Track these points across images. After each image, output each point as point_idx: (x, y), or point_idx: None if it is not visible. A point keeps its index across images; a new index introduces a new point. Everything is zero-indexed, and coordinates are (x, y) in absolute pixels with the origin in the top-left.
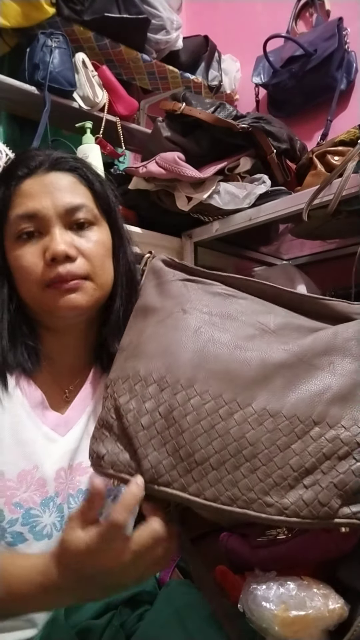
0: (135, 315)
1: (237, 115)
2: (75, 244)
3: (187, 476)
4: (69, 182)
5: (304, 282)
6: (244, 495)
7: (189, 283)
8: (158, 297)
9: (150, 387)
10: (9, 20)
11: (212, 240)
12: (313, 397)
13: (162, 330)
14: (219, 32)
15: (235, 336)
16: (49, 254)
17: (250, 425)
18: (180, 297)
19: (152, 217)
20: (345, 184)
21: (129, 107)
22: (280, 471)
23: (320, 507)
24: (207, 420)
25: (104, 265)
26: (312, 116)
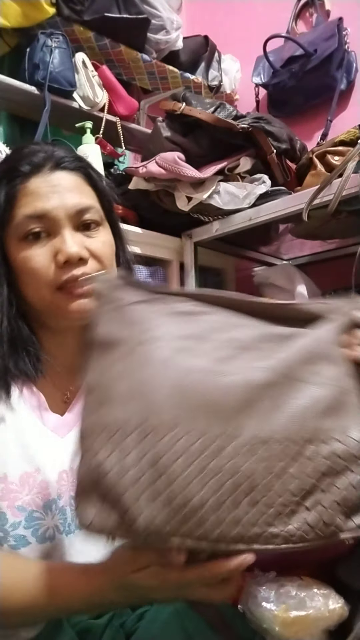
0: (95, 349)
1: (237, 115)
2: (86, 245)
3: (187, 525)
4: (76, 182)
5: (304, 282)
6: (249, 532)
7: (150, 306)
8: (117, 326)
9: (130, 436)
10: (9, 20)
11: (212, 240)
12: (303, 414)
13: (131, 367)
14: (219, 32)
15: (212, 360)
16: (63, 257)
17: (243, 457)
18: (142, 323)
19: (152, 217)
20: (345, 184)
21: (129, 107)
22: (281, 499)
23: (326, 527)
24: (198, 461)
25: (112, 265)
26: (312, 116)
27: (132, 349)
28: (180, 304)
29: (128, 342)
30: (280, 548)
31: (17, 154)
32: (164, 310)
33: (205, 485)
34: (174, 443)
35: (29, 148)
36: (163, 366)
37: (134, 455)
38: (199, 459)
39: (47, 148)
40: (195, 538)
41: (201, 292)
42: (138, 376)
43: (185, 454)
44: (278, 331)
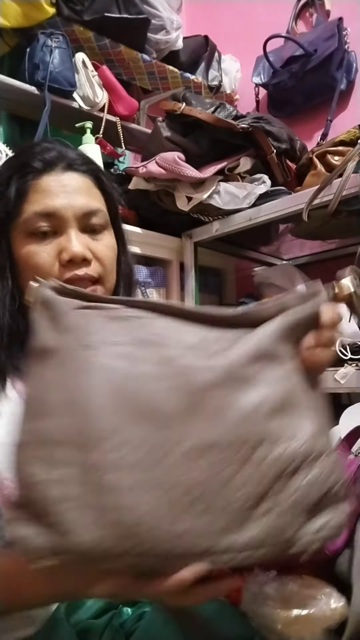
0: (32, 359)
1: (237, 115)
2: (90, 247)
3: (130, 541)
4: (86, 184)
5: (304, 282)
6: (199, 545)
7: (88, 311)
8: (53, 334)
9: (62, 449)
10: (9, 20)
11: (212, 240)
12: (250, 416)
13: (66, 376)
14: (219, 32)
15: (154, 363)
16: (68, 255)
17: (189, 465)
18: (79, 329)
19: (152, 217)
20: (345, 184)
21: (129, 107)
22: (232, 507)
23: (282, 532)
24: (140, 472)
25: (113, 269)
26: (312, 116)
27: (68, 356)
28: (117, 310)
29: (64, 350)
30: (234, 561)
31: (30, 150)
32: (102, 315)
33: (148, 497)
34: (113, 454)
35: (41, 145)
36: (100, 373)
37: (70, 468)
38: (140, 469)
39: (60, 147)
40: (139, 555)
41: (140, 300)
42: (74, 385)
43: (125, 465)
44: (222, 334)
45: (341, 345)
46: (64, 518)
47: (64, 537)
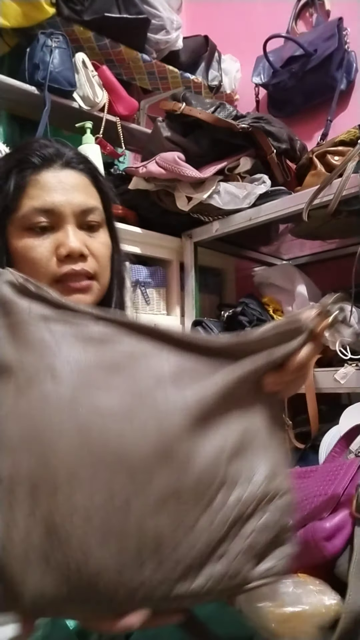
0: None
1: (237, 115)
2: (87, 244)
3: (83, 592)
4: (84, 182)
5: (304, 282)
6: (154, 594)
7: (54, 325)
8: (12, 348)
9: (19, 490)
10: (9, 20)
11: (212, 240)
12: (213, 462)
13: (27, 406)
14: (219, 32)
15: (124, 395)
16: (65, 250)
17: (151, 513)
18: (44, 348)
19: (152, 217)
20: (345, 184)
21: (129, 107)
22: (189, 555)
23: (234, 576)
24: (98, 520)
25: (107, 266)
26: (312, 116)
27: (29, 381)
28: (89, 326)
29: (24, 372)
30: (185, 605)
31: (29, 146)
32: (70, 333)
33: (106, 547)
34: (70, 499)
35: (39, 142)
36: (66, 406)
37: (22, 513)
38: (99, 517)
39: (58, 145)
40: (93, 605)
41: (113, 316)
42: (33, 419)
43: (83, 512)
44: (197, 364)
45: (341, 345)
46: (9, 566)
47: (8, 586)
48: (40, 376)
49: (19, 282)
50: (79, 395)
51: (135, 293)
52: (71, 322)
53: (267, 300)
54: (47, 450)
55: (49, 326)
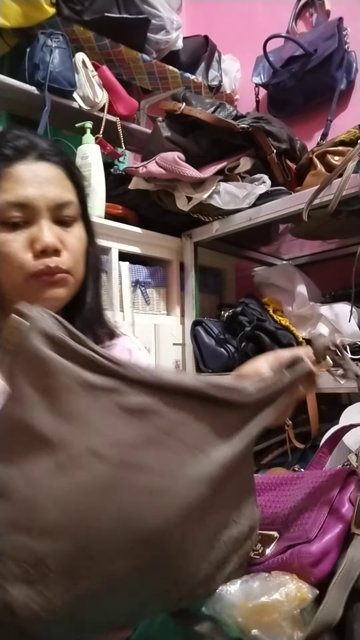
0: (15, 434)
1: (237, 115)
2: (61, 239)
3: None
4: (59, 176)
5: (304, 282)
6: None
7: (95, 394)
8: (51, 417)
9: (59, 574)
10: (9, 20)
11: (212, 240)
12: (225, 515)
13: (68, 488)
14: (219, 32)
15: (157, 474)
16: (40, 246)
17: (169, 582)
18: (86, 423)
19: (152, 217)
20: (345, 184)
21: (129, 107)
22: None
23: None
24: (125, 594)
25: (82, 261)
26: (312, 116)
27: (71, 460)
28: (130, 396)
29: (64, 449)
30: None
31: (1, 137)
32: (114, 403)
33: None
34: (105, 583)
35: (11, 133)
36: (107, 492)
37: (60, 596)
38: (125, 591)
39: (31, 136)
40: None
41: (154, 378)
42: (76, 502)
43: (112, 590)
44: (218, 431)
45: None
46: (41, 634)
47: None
48: (82, 458)
49: (54, 334)
50: (121, 477)
51: (135, 293)
52: (112, 389)
53: (267, 300)
54: (91, 538)
55: (90, 396)
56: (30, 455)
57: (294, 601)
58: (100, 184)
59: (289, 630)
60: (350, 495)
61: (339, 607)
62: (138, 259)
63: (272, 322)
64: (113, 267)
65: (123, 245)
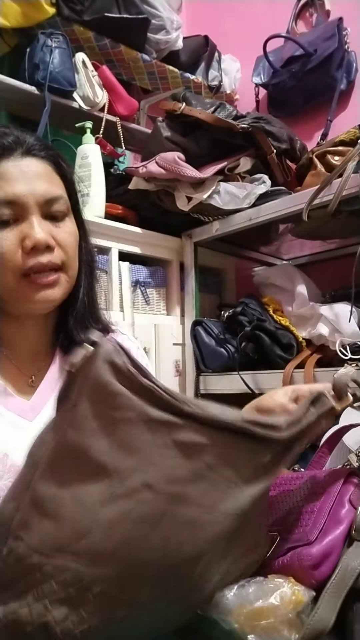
0: (67, 457)
1: (237, 115)
2: (53, 234)
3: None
4: (46, 170)
5: (304, 282)
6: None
7: (157, 426)
8: (109, 446)
9: (98, 597)
10: (9, 20)
11: (212, 240)
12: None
13: (119, 519)
14: (219, 32)
15: (196, 508)
16: (31, 242)
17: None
18: (142, 457)
19: (152, 217)
20: (345, 184)
21: (129, 107)
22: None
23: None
24: (163, 617)
25: (75, 256)
26: (312, 116)
27: (124, 491)
28: (182, 429)
29: (120, 479)
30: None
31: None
32: (166, 436)
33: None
34: (139, 612)
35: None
36: (154, 523)
37: (96, 621)
38: (153, 609)
39: (17, 132)
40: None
41: (207, 415)
42: (125, 532)
43: (140, 624)
44: (252, 467)
45: (341, 345)
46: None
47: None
48: (137, 490)
49: (121, 366)
50: (169, 509)
51: (135, 293)
52: (169, 424)
53: (267, 300)
54: (130, 564)
55: (150, 430)
56: (85, 481)
57: (290, 604)
58: (100, 184)
59: (286, 634)
60: (351, 496)
61: (331, 614)
62: (138, 259)
63: (272, 322)
64: (113, 267)
65: (123, 245)
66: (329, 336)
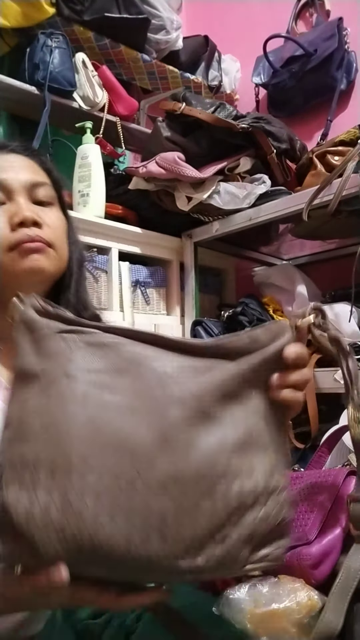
0: (16, 380)
1: (237, 115)
2: (40, 215)
3: (95, 561)
4: (30, 164)
5: (304, 282)
6: (157, 567)
7: (68, 335)
8: (36, 358)
9: (39, 473)
10: (9, 20)
11: (212, 240)
12: (214, 453)
13: (47, 403)
14: (219, 32)
15: (128, 394)
16: (18, 218)
17: (155, 495)
18: (60, 356)
19: (152, 217)
20: (345, 184)
21: (129, 107)
22: (191, 534)
23: (233, 559)
24: (107, 499)
25: (63, 240)
26: (312, 116)
27: (49, 383)
28: (97, 334)
29: (47, 376)
30: (188, 580)
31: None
32: (82, 342)
33: (114, 521)
34: (82, 480)
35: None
36: (79, 402)
37: (42, 493)
38: (107, 496)
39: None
40: (108, 570)
41: (118, 327)
42: (53, 413)
43: (93, 491)
44: (194, 362)
45: None
46: (33, 538)
47: (33, 555)
48: (58, 380)
49: (41, 305)
50: (88, 393)
51: (135, 293)
52: (82, 331)
53: (267, 300)
54: (63, 438)
55: (65, 337)
56: (24, 389)
57: (305, 609)
58: (100, 184)
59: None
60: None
61: (339, 618)
62: (138, 259)
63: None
64: (113, 267)
65: (123, 245)
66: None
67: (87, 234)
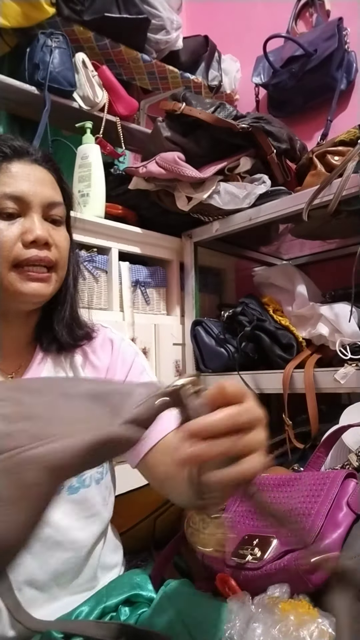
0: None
1: (237, 115)
2: (51, 234)
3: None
4: (50, 179)
5: (304, 282)
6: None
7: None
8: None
9: None
10: (9, 20)
11: (212, 240)
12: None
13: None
14: (219, 32)
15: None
16: (32, 236)
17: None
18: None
19: (152, 217)
20: (345, 184)
21: (129, 107)
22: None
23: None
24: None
25: (66, 260)
26: (312, 116)
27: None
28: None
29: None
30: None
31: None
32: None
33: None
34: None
35: (6, 136)
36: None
37: None
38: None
39: (26, 143)
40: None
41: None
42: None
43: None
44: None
45: (341, 345)
46: None
47: None
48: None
49: None
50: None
51: (135, 293)
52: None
53: (267, 300)
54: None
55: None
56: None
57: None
58: (100, 184)
59: None
60: (349, 499)
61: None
62: (138, 259)
63: (272, 322)
64: (113, 267)
65: (123, 245)
66: (329, 336)
67: (87, 234)
